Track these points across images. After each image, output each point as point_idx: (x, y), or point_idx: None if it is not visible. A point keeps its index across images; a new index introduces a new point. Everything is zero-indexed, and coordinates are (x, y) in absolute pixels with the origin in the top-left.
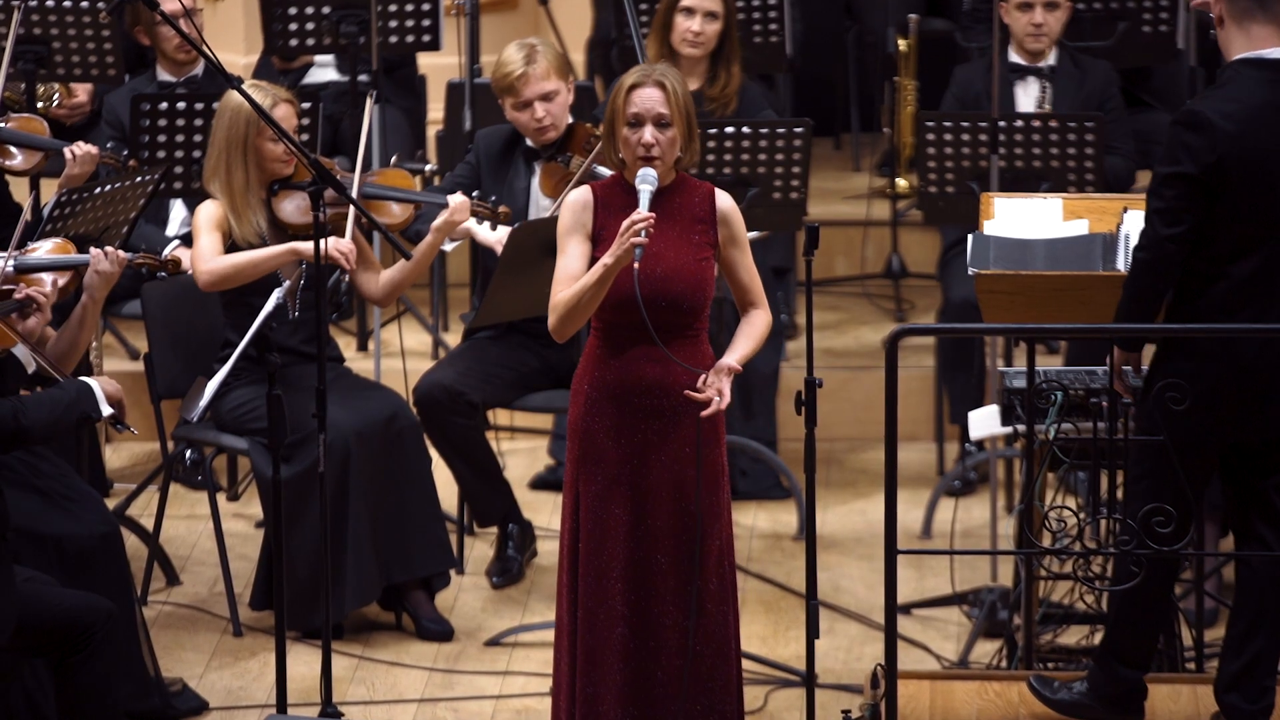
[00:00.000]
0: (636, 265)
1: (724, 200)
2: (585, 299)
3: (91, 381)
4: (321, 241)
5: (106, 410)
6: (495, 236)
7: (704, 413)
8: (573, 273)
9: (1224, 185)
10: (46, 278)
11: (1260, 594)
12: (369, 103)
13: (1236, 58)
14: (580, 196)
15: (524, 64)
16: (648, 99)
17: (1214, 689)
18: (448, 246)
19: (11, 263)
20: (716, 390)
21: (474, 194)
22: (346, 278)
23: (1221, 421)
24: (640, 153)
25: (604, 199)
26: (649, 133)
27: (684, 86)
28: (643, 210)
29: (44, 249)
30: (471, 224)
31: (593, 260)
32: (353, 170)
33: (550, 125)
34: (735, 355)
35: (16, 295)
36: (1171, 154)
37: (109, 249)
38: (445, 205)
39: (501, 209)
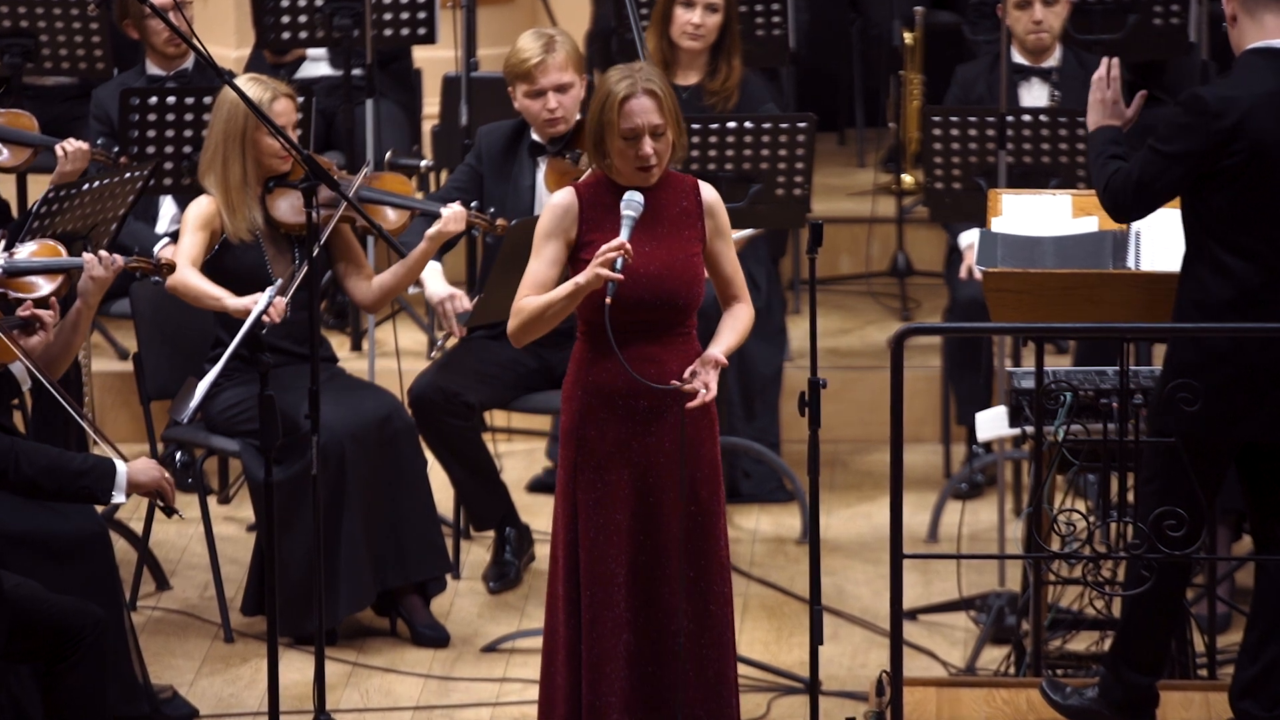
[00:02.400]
0: (609, 300)
1: (709, 193)
2: (551, 313)
3: (121, 466)
4: (261, 295)
5: (119, 499)
6: (440, 295)
7: (689, 404)
8: (541, 279)
9: (1226, 173)
10: (42, 283)
11: (1277, 599)
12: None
13: (1248, 47)
14: (563, 200)
15: (542, 52)
16: (642, 111)
17: (1229, 695)
18: (411, 291)
19: (0, 266)
20: (703, 383)
21: (472, 204)
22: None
23: (1232, 420)
24: (639, 164)
25: (590, 199)
26: (648, 145)
27: (669, 85)
28: (621, 239)
29: (27, 251)
30: (427, 275)
31: (576, 262)
32: (349, 169)
33: (561, 118)
34: (720, 346)
35: (21, 312)
36: (1169, 134)
37: (103, 254)
38: (439, 214)
39: (499, 222)
